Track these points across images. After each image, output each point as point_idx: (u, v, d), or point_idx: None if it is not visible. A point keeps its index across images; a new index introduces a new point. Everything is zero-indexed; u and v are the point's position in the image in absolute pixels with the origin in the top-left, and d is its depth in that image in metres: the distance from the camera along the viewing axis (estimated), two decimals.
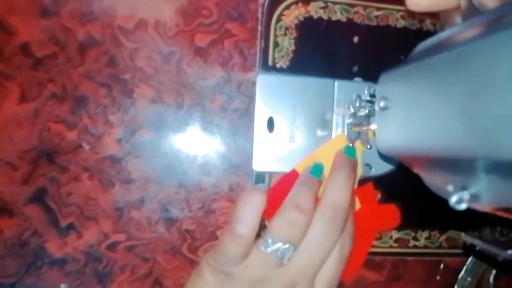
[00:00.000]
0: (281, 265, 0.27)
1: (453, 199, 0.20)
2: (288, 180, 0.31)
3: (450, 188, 0.21)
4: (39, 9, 0.32)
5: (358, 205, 0.33)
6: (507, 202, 0.18)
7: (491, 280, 0.36)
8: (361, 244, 0.33)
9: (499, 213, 0.19)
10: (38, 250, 0.32)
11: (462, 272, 0.37)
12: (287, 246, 0.27)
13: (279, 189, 0.30)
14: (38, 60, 0.32)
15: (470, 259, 0.34)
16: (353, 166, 0.31)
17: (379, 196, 0.36)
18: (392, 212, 0.34)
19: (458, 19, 0.25)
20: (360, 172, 0.33)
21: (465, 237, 0.22)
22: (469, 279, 0.36)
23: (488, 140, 0.17)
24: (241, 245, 0.27)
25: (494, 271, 0.33)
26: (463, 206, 0.20)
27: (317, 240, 0.27)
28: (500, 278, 0.35)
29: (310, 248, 0.27)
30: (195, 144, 0.34)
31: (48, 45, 0.32)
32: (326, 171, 0.32)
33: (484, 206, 0.19)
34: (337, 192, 0.29)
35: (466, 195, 0.19)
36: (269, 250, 0.27)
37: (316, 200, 0.29)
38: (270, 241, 0.27)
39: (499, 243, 0.22)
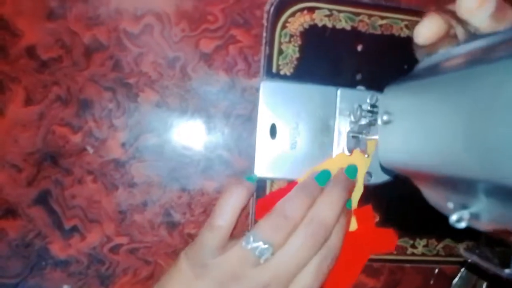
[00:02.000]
0: (258, 264, 0.28)
1: (453, 218, 0.20)
2: (290, 190, 0.31)
3: (450, 205, 0.21)
4: (46, 12, 0.32)
5: (355, 225, 0.34)
6: (507, 224, 0.18)
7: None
8: (354, 263, 0.34)
9: (497, 235, 0.19)
10: (42, 252, 0.32)
11: (456, 279, 0.37)
12: (266, 246, 0.28)
13: (278, 196, 0.31)
14: (44, 63, 0.32)
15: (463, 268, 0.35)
16: (349, 186, 0.32)
17: (377, 218, 0.36)
18: (389, 236, 0.35)
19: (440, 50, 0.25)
20: (359, 191, 0.34)
21: (464, 253, 0.23)
22: (462, 286, 0.36)
23: (488, 163, 0.17)
24: (218, 236, 0.29)
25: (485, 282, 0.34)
26: (462, 225, 0.20)
27: (295, 249, 0.28)
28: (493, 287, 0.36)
29: (287, 254, 0.28)
30: (198, 149, 0.34)
31: (53, 48, 0.32)
32: None
33: (483, 226, 0.19)
34: (325, 209, 0.30)
35: (466, 214, 0.20)
36: (249, 246, 0.28)
37: None
38: (251, 239, 0.28)
39: (495, 256, 0.23)
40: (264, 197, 0.35)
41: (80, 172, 0.33)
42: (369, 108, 0.33)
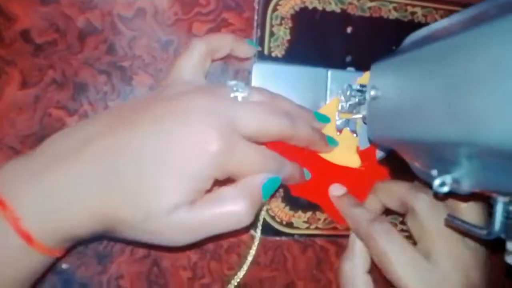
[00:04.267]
0: (224, 95, 0.28)
1: (436, 182, 0.21)
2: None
3: (434, 172, 0.22)
4: None
5: (358, 162, 0.35)
6: (486, 186, 0.19)
7: None
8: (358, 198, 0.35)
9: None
10: None
11: None
12: (245, 89, 0.29)
13: (281, 145, 0.32)
14: (39, 47, 0.32)
15: None
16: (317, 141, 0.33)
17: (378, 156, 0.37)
18: (384, 176, 0.36)
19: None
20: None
21: (447, 217, 0.24)
22: None
23: (469, 127, 0.18)
24: (192, 55, 0.31)
25: None
26: (445, 189, 0.21)
27: (261, 105, 0.28)
28: None
29: (254, 105, 0.28)
30: None
31: (48, 32, 0.32)
32: (324, 130, 0.35)
33: (464, 189, 0.20)
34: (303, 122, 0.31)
35: (448, 178, 0.21)
36: (229, 83, 0.29)
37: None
38: (234, 81, 0.29)
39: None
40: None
41: None
42: (358, 87, 0.34)
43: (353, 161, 0.35)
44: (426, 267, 0.28)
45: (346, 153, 0.35)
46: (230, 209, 0.25)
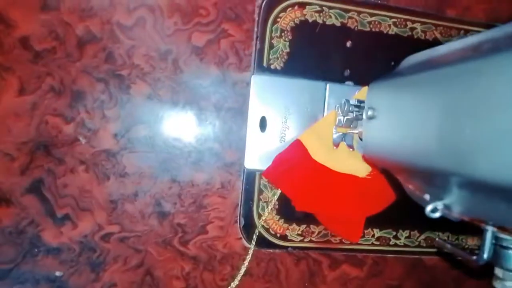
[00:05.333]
0: None
1: (428, 208, 0.21)
2: (293, 148, 0.34)
3: (426, 197, 0.22)
4: (39, 4, 0.32)
5: (368, 169, 0.36)
6: (475, 215, 0.19)
7: None
8: (366, 203, 0.35)
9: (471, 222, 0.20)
10: (35, 239, 0.33)
11: None
12: None
13: (285, 156, 0.33)
14: (37, 54, 0.32)
15: None
16: None
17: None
18: (389, 191, 0.36)
19: None
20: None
21: (437, 242, 0.24)
22: None
23: (459, 158, 0.18)
24: None
25: None
26: (437, 215, 0.21)
27: None
28: None
29: None
30: (189, 141, 0.35)
31: (47, 39, 0.32)
32: (321, 142, 0.35)
33: (455, 216, 0.21)
34: None
35: (440, 205, 0.21)
36: None
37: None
38: None
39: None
40: (275, 159, 0.35)
41: (72, 162, 0.33)
42: (356, 102, 0.34)
43: (362, 169, 0.35)
44: None
45: (353, 162, 0.35)
46: None
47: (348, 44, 0.37)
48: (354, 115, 0.34)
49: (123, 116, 0.34)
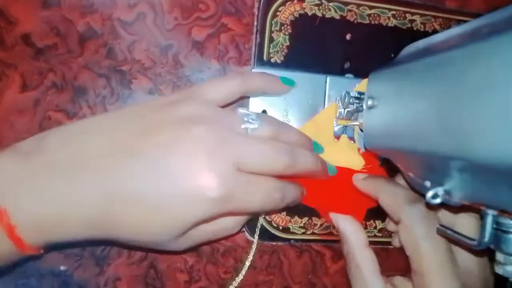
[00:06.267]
0: (233, 127, 0.28)
1: (429, 194, 0.21)
2: None
3: (427, 183, 0.23)
4: (40, 0, 0.32)
5: (362, 162, 0.36)
6: (475, 199, 0.20)
7: None
8: (362, 200, 0.35)
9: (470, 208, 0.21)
10: None
11: None
12: (256, 121, 0.28)
13: None
14: (39, 50, 0.33)
15: None
16: (320, 173, 0.33)
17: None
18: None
19: None
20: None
21: (439, 228, 0.24)
22: None
23: (460, 143, 0.18)
24: (223, 88, 0.30)
25: None
26: (437, 201, 0.21)
27: (267, 144, 0.28)
28: None
29: (260, 142, 0.27)
30: None
31: (49, 35, 0.33)
32: (322, 135, 0.35)
33: (456, 201, 0.21)
34: (305, 155, 0.31)
35: (440, 191, 0.21)
36: (240, 111, 0.29)
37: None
38: (247, 109, 0.30)
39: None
40: None
41: None
42: (356, 94, 0.34)
43: (356, 162, 0.36)
44: (453, 258, 0.27)
45: (348, 155, 0.36)
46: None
47: (348, 37, 0.37)
48: (355, 107, 0.34)
49: None
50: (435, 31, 0.39)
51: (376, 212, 0.37)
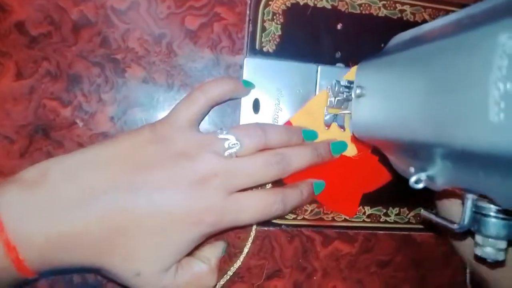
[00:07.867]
0: (218, 154, 0.29)
1: (412, 179, 0.22)
2: None
3: (411, 169, 0.24)
4: None
5: (355, 150, 0.37)
6: (456, 184, 0.21)
7: None
8: (356, 187, 0.37)
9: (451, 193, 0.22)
10: None
11: None
12: (236, 143, 0.30)
13: None
14: (33, 39, 0.33)
15: None
16: (325, 158, 0.35)
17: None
18: (382, 170, 0.37)
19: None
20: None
21: (423, 212, 0.25)
22: None
23: (441, 130, 0.19)
24: (192, 108, 0.31)
25: None
26: (420, 186, 0.22)
27: (255, 163, 0.30)
28: None
29: (247, 162, 0.30)
30: None
31: (43, 24, 0.33)
32: (313, 123, 0.36)
33: (438, 186, 0.22)
34: (296, 154, 0.32)
35: (423, 176, 0.22)
36: (220, 136, 0.30)
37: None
38: (225, 131, 0.30)
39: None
40: None
41: (71, 145, 0.34)
42: (346, 83, 0.35)
43: (349, 149, 0.37)
44: None
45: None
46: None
47: (339, 26, 0.38)
48: (345, 96, 0.35)
49: (119, 100, 0.35)
50: (425, 21, 0.39)
51: (365, 198, 0.38)
